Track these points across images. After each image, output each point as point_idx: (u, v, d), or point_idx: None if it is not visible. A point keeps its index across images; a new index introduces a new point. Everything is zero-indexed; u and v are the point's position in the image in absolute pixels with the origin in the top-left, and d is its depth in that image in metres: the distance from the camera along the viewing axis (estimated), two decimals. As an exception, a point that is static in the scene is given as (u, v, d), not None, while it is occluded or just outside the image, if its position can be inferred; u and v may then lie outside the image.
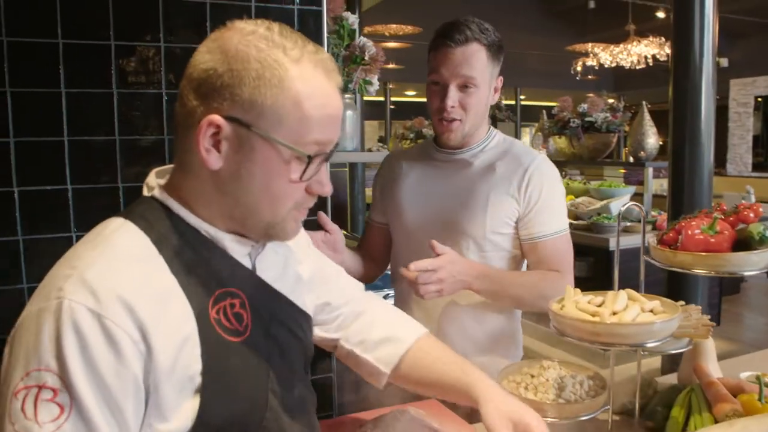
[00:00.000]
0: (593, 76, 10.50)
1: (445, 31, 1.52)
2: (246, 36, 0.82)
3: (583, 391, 1.27)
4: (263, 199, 0.85)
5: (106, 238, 0.83)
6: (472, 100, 1.52)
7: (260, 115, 0.81)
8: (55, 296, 0.75)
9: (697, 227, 1.17)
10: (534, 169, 1.56)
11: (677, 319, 1.12)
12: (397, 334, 1.16)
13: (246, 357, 0.89)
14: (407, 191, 1.65)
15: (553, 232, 1.57)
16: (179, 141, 0.87)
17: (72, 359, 0.72)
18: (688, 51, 2.39)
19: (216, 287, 0.87)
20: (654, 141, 4.26)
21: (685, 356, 1.53)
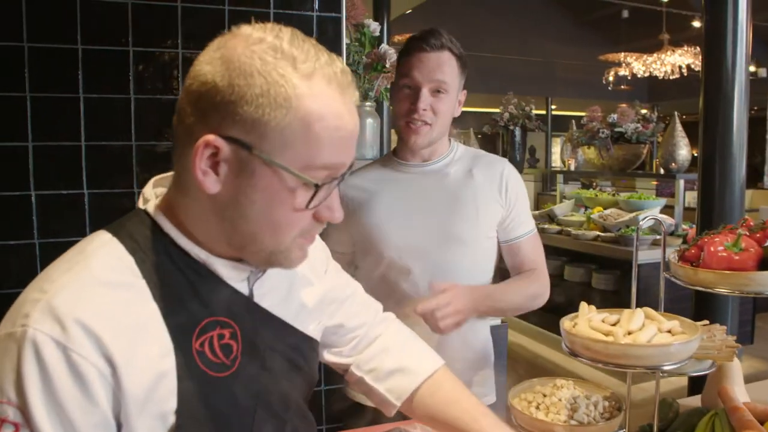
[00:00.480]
0: (627, 86, 10.34)
1: (420, 37, 1.51)
2: (251, 45, 0.72)
3: (597, 413, 1.21)
4: (265, 227, 0.76)
5: (85, 257, 0.76)
6: (443, 105, 1.51)
7: (263, 137, 0.71)
8: (20, 323, 0.69)
9: (720, 244, 1.10)
10: (508, 173, 1.62)
11: (696, 341, 1.06)
12: (411, 365, 1.08)
13: (229, 394, 0.81)
14: (382, 213, 1.56)
15: (528, 232, 1.65)
16: (177, 158, 0.78)
17: (33, 393, 0.66)
18: (720, 59, 2.31)
19: (204, 316, 0.79)
20: (686, 152, 4.15)
21: (709, 378, 1.46)
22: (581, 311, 1.17)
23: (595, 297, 4.35)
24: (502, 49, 10.78)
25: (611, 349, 1.01)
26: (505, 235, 1.62)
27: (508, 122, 7.50)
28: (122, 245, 0.77)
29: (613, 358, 1.01)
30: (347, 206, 1.56)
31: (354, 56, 2.38)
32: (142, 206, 0.82)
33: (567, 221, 4.89)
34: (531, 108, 10.00)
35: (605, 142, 4.58)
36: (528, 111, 9.88)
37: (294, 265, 0.82)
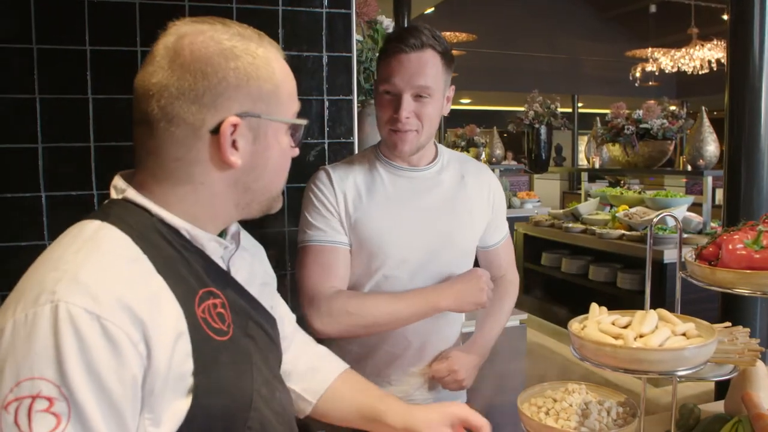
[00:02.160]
0: (654, 82, 10.13)
1: (398, 36, 1.40)
2: (218, 35, 0.85)
3: (610, 420, 1.15)
4: (274, 176, 0.91)
5: (89, 239, 0.80)
6: (428, 109, 1.40)
7: (267, 103, 0.86)
8: (46, 300, 0.71)
9: (739, 241, 1.04)
10: (492, 180, 1.62)
11: (712, 345, 0.99)
12: (322, 366, 1.19)
13: (233, 356, 0.87)
14: (380, 224, 1.45)
15: (504, 236, 1.65)
16: (168, 155, 0.85)
17: (72, 365, 0.69)
18: (747, 50, 2.22)
19: (199, 287, 0.85)
20: (714, 148, 4.03)
21: (732, 383, 1.39)
22: (591, 313, 1.11)
23: (621, 297, 4.25)
24: (528, 47, 10.66)
25: (620, 354, 0.95)
26: (484, 241, 1.61)
27: (533, 120, 7.39)
28: (116, 227, 0.82)
29: (622, 363, 0.95)
30: (345, 207, 1.46)
31: (367, 53, 2.34)
32: (117, 196, 0.88)
33: (591, 220, 4.79)
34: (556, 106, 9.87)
35: (630, 138, 4.48)
36: (553, 109, 9.75)
37: (279, 205, 0.96)
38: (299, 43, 1.97)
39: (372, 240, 1.45)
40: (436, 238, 1.47)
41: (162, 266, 0.81)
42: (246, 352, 0.91)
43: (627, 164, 4.68)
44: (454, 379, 1.49)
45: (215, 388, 0.83)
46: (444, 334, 1.57)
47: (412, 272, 1.46)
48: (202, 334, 0.82)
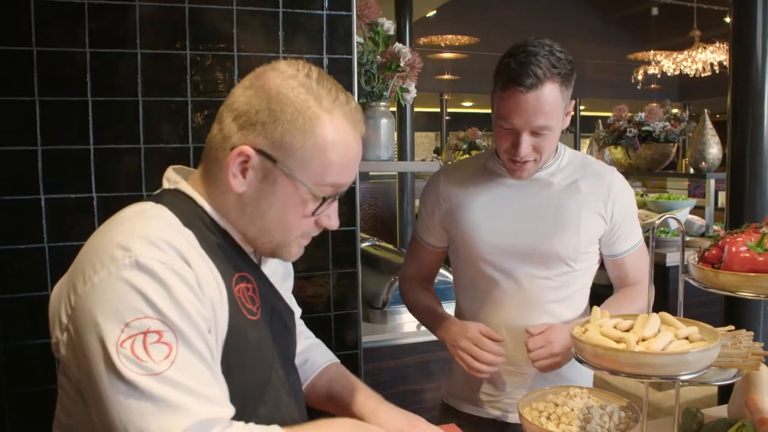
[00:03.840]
0: (657, 85, 10.13)
1: (513, 75, 1.33)
2: (287, 79, 0.92)
3: (612, 424, 1.14)
4: (277, 226, 0.96)
5: (147, 211, 0.92)
6: (546, 142, 1.40)
7: (288, 155, 0.91)
8: (124, 256, 0.82)
9: (742, 244, 1.03)
10: (618, 185, 1.53)
11: (716, 349, 0.98)
12: (312, 357, 1.27)
13: (259, 335, 0.97)
14: (482, 216, 1.52)
15: (633, 246, 1.56)
16: (211, 156, 0.96)
17: (164, 302, 0.81)
18: (749, 52, 2.21)
19: (235, 270, 0.95)
20: (716, 151, 4.01)
21: (736, 387, 1.37)
22: (593, 316, 1.10)
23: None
24: (529, 50, 10.61)
25: (622, 358, 0.94)
26: (608, 250, 1.55)
27: (534, 123, 7.35)
28: (166, 207, 0.93)
29: (624, 367, 0.94)
30: (446, 202, 1.57)
31: (368, 56, 2.34)
32: (168, 186, 1.00)
33: (594, 223, 4.78)
34: (558, 109, 9.80)
35: (632, 141, 4.46)
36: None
37: (292, 258, 1.02)
38: (299, 45, 1.96)
39: (468, 233, 1.53)
40: (533, 241, 1.48)
41: (206, 246, 0.91)
42: (268, 335, 1.00)
43: (629, 167, 4.66)
44: (550, 351, 1.38)
45: (240, 361, 0.92)
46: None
47: (506, 271, 1.50)
48: (237, 309, 0.93)
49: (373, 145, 2.37)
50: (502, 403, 1.57)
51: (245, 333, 0.94)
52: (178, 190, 0.98)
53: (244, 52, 1.91)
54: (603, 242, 1.54)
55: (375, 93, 2.37)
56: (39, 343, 1.75)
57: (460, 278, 1.63)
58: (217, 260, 0.92)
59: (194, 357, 0.83)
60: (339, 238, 2.01)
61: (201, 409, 0.80)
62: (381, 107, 2.40)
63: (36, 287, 1.78)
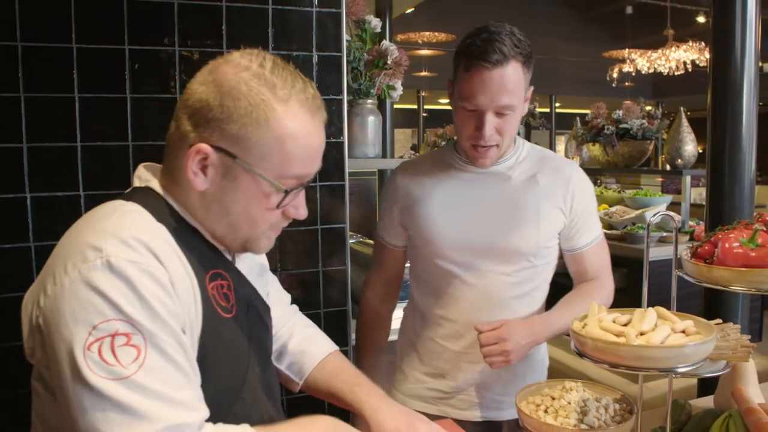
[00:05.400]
0: (631, 82, 10.26)
1: (480, 51, 1.33)
2: (239, 72, 0.89)
3: (608, 416, 1.17)
4: (243, 221, 0.95)
5: (118, 209, 0.90)
6: (509, 124, 1.40)
7: (246, 150, 0.89)
8: (96, 256, 0.81)
9: (735, 240, 1.06)
10: (575, 179, 1.53)
11: (712, 342, 1.01)
12: (309, 349, 1.26)
13: (234, 333, 0.97)
14: (439, 211, 1.50)
15: (593, 240, 1.56)
16: (171, 155, 0.95)
17: (134, 304, 0.80)
18: (728, 52, 2.26)
19: (209, 267, 0.95)
20: (692, 148, 4.09)
21: (722, 379, 1.41)
22: (591, 311, 1.12)
23: (602, 295, 4.30)
24: (505, 47, 10.68)
25: (623, 351, 0.97)
26: (568, 244, 1.54)
27: (511, 120, 7.40)
28: (139, 205, 0.92)
29: (624, 360, 0.97)
30: (404, 198, 1.55)
31: (355, 53, 2.34)
32: (139, 185, 0.97)
33: (572, 219, 4.84)
34: (535, 106, 9.93)
35: (610, 138, 4.53)
36: (532, 109, 9.82)
37: (262, 251, 1.02)
38: (289, 42, 1.96)
39: (426, 229, 1.50)
40: (492, 236, 1.46)
41: (179, 243, 0.91)
42: (245, 332, 1.00)
43: (607, 164, 4.74)
44: (502, 349, 1.35)
45: (215, 360, 0.92)
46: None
47: (465, 267, 1.48)
48: (211, 307, 0.92)
49: (360, 143, 2.37)
50: (455, 399, 1.55)
51: (220, 331, 0.93)
52: (149, 188, 0.96)
53: (233, 48, 1.90)
54: (562, 236, 1.53)
55: (362, 90, 2.38)
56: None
57: (418, 273, 1.60)
58: (190, 258, 0.91)
59: (164, 360, 0.81)
60: (328, 235, 2.02)
61: (168, 415, 0.79)
62: (368, 104, 2.41)
63: (21, 287, 1.74)
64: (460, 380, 1.53)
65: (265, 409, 1.03)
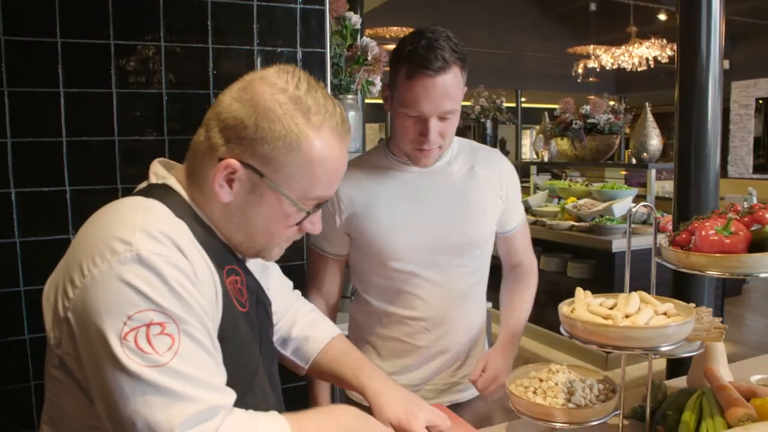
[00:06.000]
0: (594, 78, 10.49)
1: (422, 60, 1.33)
2: (275, 94, 0.91)
3: (593, 396, 1.24)
4: (261, 234, 0.98)
5: (140, 204, 0.92)
6: (451, 126, 1.42)
7: (275, 170, 0.92)
8: (125, 249, 0.83)
9: (711, 228, 1.14)
10: (505, 166, 1.60)
11: (692, 322, 1.09)
12: (313, 335, 1.28)
13: (247, 327, 1.00)
14: (390, 215, 1.48)
15: (520, 221, 1.66)
16: (197, 162, 0.96)
17: (165, 295, 0.83)
18: (695, 52, 2.36)
19: (224, 263, 0.97)
20: (657, 142, 4.24)
21: (695, 359, 1.50)
22: (577, 297, 1.19)
23: (572, 286, 4.42)
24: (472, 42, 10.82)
25: (611, 333, 1.04)
26: (501, 227, 1.62)
27: (479, 115, 7.53)
28: (159, 201, 0.93)
29: (612, 341, 1.04)
30: (348, 207, 1.50)
31: (335, 49, 2.37)
32: (156, 181, 0.99)
33: (542, 212, 4.96)
34: (501, 101, 10.05)
35: (578, 133, 4.66)
36: (499, 104, 9.94)
37: (272, 259, 1.05)
38: (274, 38, 1.98)
39: (377, 237, 1.48)
40: (447, 231, 1.49)
41: (198, 238, 0.93)
42: (255, 326, 1.03)
43: (575, 157, 4.86)
44: (498, 385, 1.47)
45: (232, 352, 0.94)
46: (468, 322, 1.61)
47: (424, 266, 1.49)
48: (230, 301, 0.95)
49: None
50: (423, 391, 1.58)
51: (237, 325, 0.96)
52: (166, 185, 0.98)
53: (218, 44, 1.92)
54: (498, 221, 1.60)
55: (343, 86, 2.41)
56: (11, 341, 1.73)
57: (369, 278, 1.56)
58: (209, 253, 0.93)
59: (196, 347, 0.84)
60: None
61: (206, 397, 0.82)
62: (348, 100, 2.45)
63: (6, 283, 1.74)
64: (428, 371, 1.57)
65: (271, 401, 1.05)
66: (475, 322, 1.62)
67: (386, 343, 1.57)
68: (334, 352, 1.26)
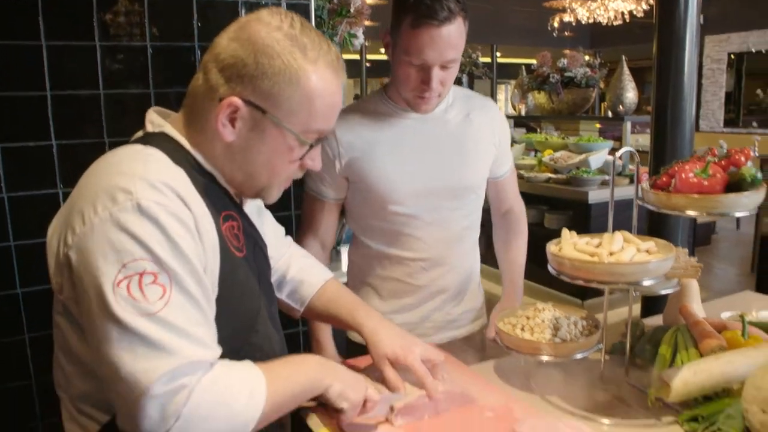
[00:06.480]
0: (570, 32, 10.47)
1: (427, 10, 1.36)
2: (272, 32, 0.94)
3: (577, 331, 1.31)
4: (264, 171, 1.00)
5: (139, 152, 0.94)
6: (451, 75, 1.47)
7: (276, 106, 0.95)
8: (125, 198, 0.85)
9: (690, 171, 1.19)
10: (498, 114, 1.68)
11: (672, 258, 1.16)
12: (308, 278, 1.32)
13: (246, 272, 1.02)
14: (390, 160, 1.52)
15: (510, 167, 1.75)
16: (196, 106, 0.98)
17: (162, 245, 0.84)
18: (673, 5, 2.40)
19: (221, 208, 0.99)
20: (633, 95, 4.30)
21: (670, 299, 1.58)
22: (564, 237, 1.25)
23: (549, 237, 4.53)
24: (448, -3, 10.67)
25: (598, 269, 1.10)
26: (492, 173, 1.69)
27: (456, 70, 7.47)
28: (157, 149, 0.95)
29: (598, 276, 1.10)
30: (348, 152, 1.53)
31: (318, 1, 2.36)
32: (152, 130, 1.00)
33: (519, 164, 5.03)
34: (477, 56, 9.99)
35: (555, 86, 4.70)
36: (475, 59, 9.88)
37: (272, 200, 1.07)
38: (258, -11, 1.97)
39: (379, 181, 1.52)
40: (443, 177, 1.55)
41: (195, 185, 0.94)
42: (254, 270, 1.06)
43: (552, 111, 4.91)
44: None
45: (233, 296, 0.97)
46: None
47: (423, 209, 1.56)
48: (227, 247, 0.97)
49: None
50: (422, 328, 1.65)
51: (235, 270, 0.98)
52: (164, 133, 0.99)
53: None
54: (490, 167, 1.67)
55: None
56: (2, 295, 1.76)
57: (367, 222, 1.61)
58: (206, 200, 0.95)
59: (186, 299, 0.86)
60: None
61: (188, 351, 0.83)
62: (331, 53, 2.44)
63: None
64: (427, 310, 1.65)
65: (275, 340, 1.10)
66: (470, 263, 1.70)
67: (386, 284, 1.63)
68: (329, 295, 1.30)
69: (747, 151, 1.23)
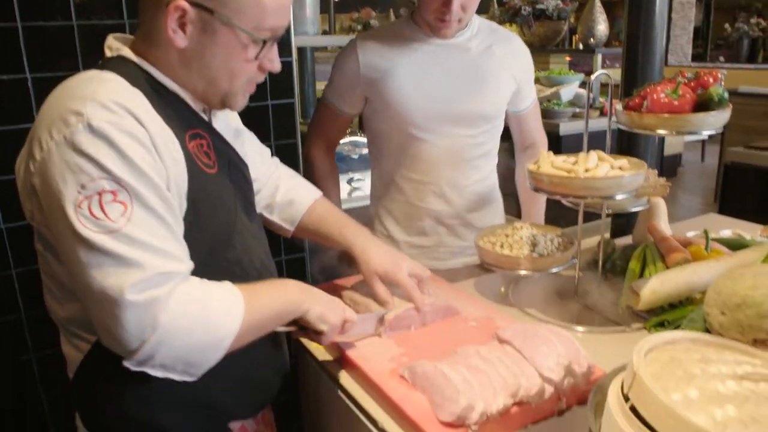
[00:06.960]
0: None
1: None
2: None
3: (553, 247, 1.39)
4: (222, 74, 0.99)
5: (95, 77, 0.93)
6: (473, 1, 1.53)
7: (223, 4, 0.93)
8: (77, 121, 0.85)
9: (661, 91, 1.25)
10: (522, 48, 1.72)
11: (643, 173, 1.23)
12: (297, 198, 1.35)
13: (218, 188, 1.04)
14: (409, 82, 1.59)
15: (532, 101, 1.78)
16: (147, 19, 0.97)
17: (117, 163, 0.85)
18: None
19: (187, 127, 1.00)
20: (604, 28, 4.32)
21: (640, 217, 1.67)
22: (542, 156, 1.31)
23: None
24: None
25: (574, 183, 1.16)
26: (514, 106, 1.73)
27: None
28: (114, 73, 0.94)
29: (575, 191, 1.17)
30: (370, 71, 1.60)
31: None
32: (111, 54, 1.00)
33: (491, 100, 5.04)
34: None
35: (527, 19, 4.68)
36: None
37: (238, 107, 1.07)
38: None
39: (396, 101, 1.59)
40: (461, 103, 1.60)
41: (156, 106, 0.94)
42: (228, 185, 1.08)
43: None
44: None
45: (204, 212, 0.99)
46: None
47: (436, 134, 1.61)
48: (194, 164, 0.98)
49: (299, 21, 2.40)
50: (437, 252, 1.74)
51: (205, 185, 1.00)
52: (121, 56, 0.99)
53: None
54: (511, 100, 1.72)
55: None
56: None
57: (384, 143, 1.70)
58: (168, 119, 0.95)
59: (149, 214, 0.87)
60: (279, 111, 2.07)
61: (157, 263, 0.85)
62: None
63: None
64: (441, 234, 1.72)
65: (257, 255, 1.12)
66: (485, 192, 1.75)
67: (399, 207, 1.71)
68: (319, 213, 1.34)
69: (716, 73, 1.29)
